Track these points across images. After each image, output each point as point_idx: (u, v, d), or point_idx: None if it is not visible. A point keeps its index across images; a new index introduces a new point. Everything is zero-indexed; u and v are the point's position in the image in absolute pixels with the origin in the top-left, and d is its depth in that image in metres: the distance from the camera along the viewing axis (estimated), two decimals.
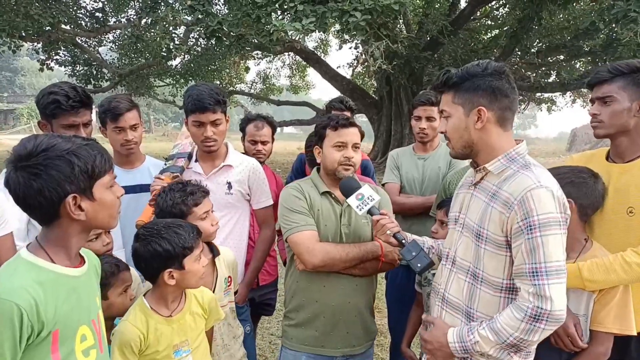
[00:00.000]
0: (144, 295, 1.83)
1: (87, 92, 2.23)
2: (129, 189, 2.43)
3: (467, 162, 2.87)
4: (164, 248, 1.70)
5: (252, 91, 20.66)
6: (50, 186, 1.24)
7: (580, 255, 1.81)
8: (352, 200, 1.94)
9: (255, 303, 2.95)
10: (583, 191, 1.81)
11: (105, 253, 2.00)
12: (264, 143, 3.08)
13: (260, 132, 3.08)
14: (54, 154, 1.25)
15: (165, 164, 2.47)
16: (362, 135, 2.22)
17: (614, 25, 7.53)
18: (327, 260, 2.02)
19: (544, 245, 1.44)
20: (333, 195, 2.16)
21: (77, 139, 1.31)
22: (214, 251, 2.12)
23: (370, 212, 1.93)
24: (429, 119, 2.97)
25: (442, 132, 1.70)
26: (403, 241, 1.82)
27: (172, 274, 1.72)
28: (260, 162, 3.03)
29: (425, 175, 2.99)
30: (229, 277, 2.22)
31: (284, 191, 2.20)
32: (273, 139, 3.19)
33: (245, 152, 3.11)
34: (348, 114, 3.33)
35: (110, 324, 1.89)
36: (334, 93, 17.56)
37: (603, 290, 1.76)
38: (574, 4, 10.53)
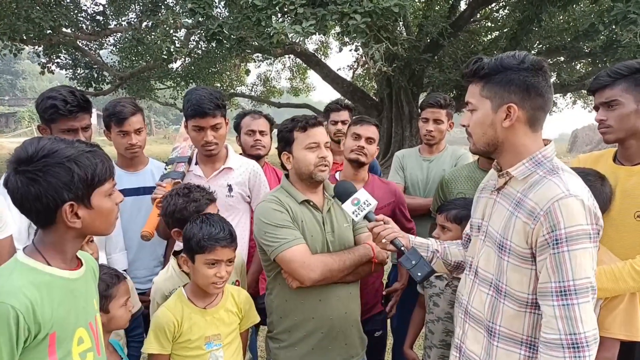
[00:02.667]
0: (184, 286, 1.93)
1: (85, 97, 2.22)
2: (132, 192, 2.46)
3: (467, 161, 2.90)
4: (186, 232, 1.82)
5: (252, 94, 20.65)
6: (47, 193, 1.23)
7: None
8: (348, 206, 1.86)
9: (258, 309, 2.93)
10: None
11: None
12: (261, 133, 2.96)
13: (257, 121, 2.99)
14: (54, 161, 1.24)
15: (166, 169, 2.47)
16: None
17: (613, 26, 7.53)
18: (326, 272, 1.92)
19: (571, 261, 1.31)
20: (312, 203, 2.05)
21: (80, 145, 1.31)
22: None
23: (367, 217, 1.85)
24: (437, 121, 2.97)
25: (464, 126, 1.58)
26: (402, 248, 1.73)
27: (186, 261, 1.84)
28: (260, 156, 2.96)
29: (430, 177, 2.99)
30: (237, 281, 2.23)
31: (261, 205, 2.05)
32: (271, 137, 3.08)
33: (242, 149, 3.03)
34: (346, 112, 3.34)
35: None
36: (335, 95, 17.56)
37: (608, 297, 1.75)
38: (574, 6, 10.53)
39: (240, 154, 3.08)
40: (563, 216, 1.32)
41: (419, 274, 1.67)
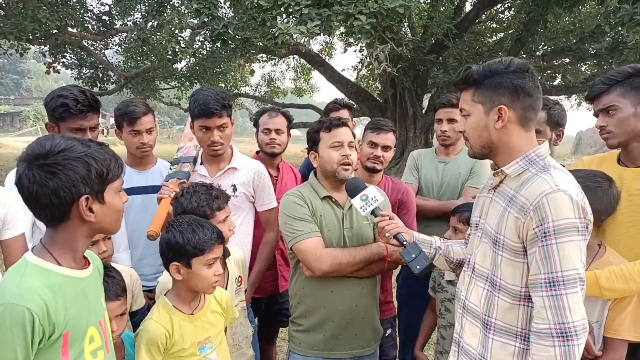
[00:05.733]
0: (165, 294, 1.86)
1: (95, 97, 2.24)
2: (141, 190, 2.50)
3: (487, 165, 2.87)
4: (175, 240, 1.74)
5: (256, 94, 20.71)
6: (65, 186, 1.24)
7: (593, 261, 1.79)
8: (357, 201, 1.94)
9: (272, 311, 2.91)
10: (597, 196, 1.76)
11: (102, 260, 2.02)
12: (277, 132, 2.95)
13: (274, 119, 2.99)
14: (72, 155, 1.26)
15: (171, 169, 2.49)
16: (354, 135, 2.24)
17: (619, 28, 7.51)
18: (335, 265, 2.02)
19: (559, 253, 1.36)
20: (333, 200, 2.16)
21: (91, 143, 1.33)
22: (224, 252, 2.13)
23: (373, 213, 1.93)
24: (451, 121, 2.94)
25: (460, 132, 1.66)
26: (404, 242, 1.80)
27: (178, 268, 1.76)
28: (275, 154, 2.97)
29: (445, 179, 2.93)
30: (239, 276, 2.25)
31: (285, 198, 2.18)
32: (289, 134, 3.09)
33: (259, 146, 3.03)
34: (346, 111, 3.34)
35: None
36: (339, 96, 17.56)
37: (618, 297, 1.74)
38: (580, 7, 10.50)
39: (258, 152, 3.10)
40: (551, 210, 1.37)
41: (418, 267, 1.73)
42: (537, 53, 13.03)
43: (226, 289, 2.12)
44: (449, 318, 2.30)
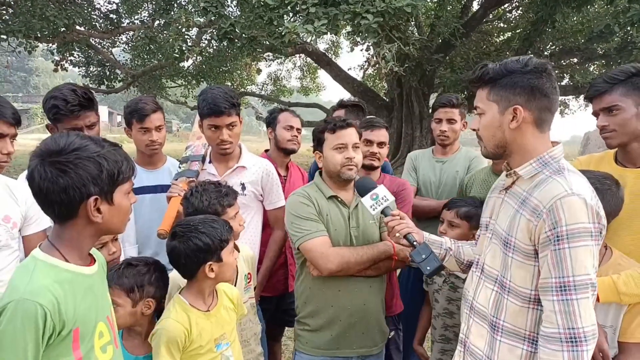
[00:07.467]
0: (179, 292, 1.88)
1: (88, 94, 2.18)
2: (151, 189, 2.50)
3: (481, 163, 2.89)
4: (204, 242, 1.76)
5: (262, 93, 20.71)
6: (76, 185, 1.25)
7: (602, 265, 1.77)
8: (367, 200, 1.94)
9: (280, 310, 2.93)
10: (607, 199, 1.74)
11: (111, 262, 2.01)
12: (298, 130, 3.06)
13: (296, 118, 3.09)
14: (85, 154, 1.27)
15: (180, 167, 2.49)
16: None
17: (629, 28, 7.45)
18: (343, 264, 2.03)
19: (571, 257, 1.34)
20: (339, 199, 2.16)
21: (105, 143, 1.34)
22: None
23: (383, 212, 1.92)
24: (450, 121, 2.94)
25: (474, 130, 1.63)
26: (414, 243, 1.80)
27: (212, 266, 1.79)
28: (294, 151, 3.06)
29: (442, 179, 2.96)
30: (249, 273, 2.27)
31: (291, 198, 2.19)
32: None
33: (277, 142, 3.06)
34: (343, 111, 3.34)
35: None
36: (345, 95, 17.52)
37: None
38: (589, 7, 10.42)
39: (266, 150, 3.11)
40: (565, 214, 1.35)
41: (428, 267, 1.73)
42: (545, 53, 12.95)
43: (235, 285, 2.13)
44: (437, 308, 2.39)
